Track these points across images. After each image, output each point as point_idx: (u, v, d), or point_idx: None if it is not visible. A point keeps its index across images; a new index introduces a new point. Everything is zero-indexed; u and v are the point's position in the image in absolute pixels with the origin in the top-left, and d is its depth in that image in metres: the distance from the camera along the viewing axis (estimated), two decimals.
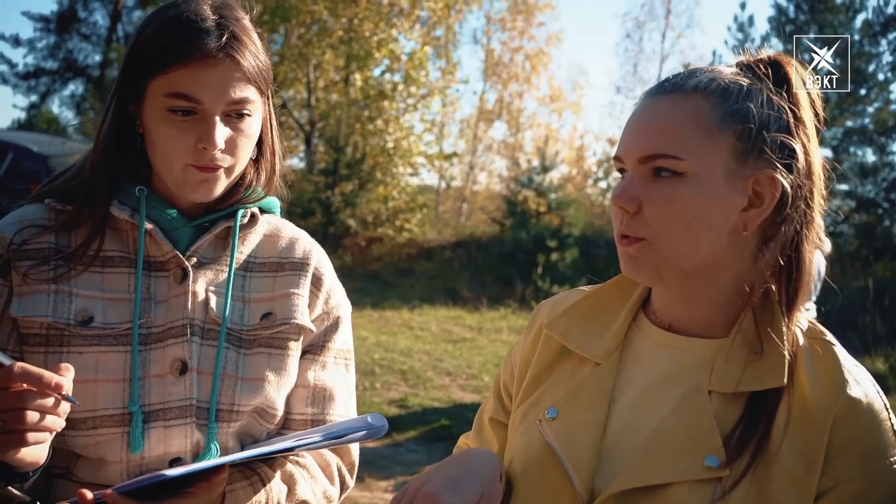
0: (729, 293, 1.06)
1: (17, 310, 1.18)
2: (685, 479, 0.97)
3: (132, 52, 1.22)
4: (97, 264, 1.24)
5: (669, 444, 1.00)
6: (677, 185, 1.01)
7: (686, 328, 1.10)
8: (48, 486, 1.19)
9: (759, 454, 0.95)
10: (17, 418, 0.99)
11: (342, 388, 1.38)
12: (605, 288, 1.23)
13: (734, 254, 1.05)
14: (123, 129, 1.25)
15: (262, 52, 1.26)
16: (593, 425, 1.08)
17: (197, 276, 1.27)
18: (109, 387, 1.19)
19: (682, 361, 1.07)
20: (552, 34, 25.52)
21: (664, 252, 1.03)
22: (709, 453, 0.97)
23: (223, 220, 1.30)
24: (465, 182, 25.28)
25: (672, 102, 1.04)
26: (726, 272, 1.06)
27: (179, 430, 1.21)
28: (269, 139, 1.34)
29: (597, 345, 1.15)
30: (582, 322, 1.19)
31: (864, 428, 0.96)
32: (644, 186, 1.03)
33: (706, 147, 1.01)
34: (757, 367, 1.01)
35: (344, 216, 15.35)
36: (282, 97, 19.15)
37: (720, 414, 1.00)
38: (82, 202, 1.24)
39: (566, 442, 1.08)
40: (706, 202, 1.01)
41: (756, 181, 1.02)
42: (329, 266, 1.41)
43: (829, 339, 1.04)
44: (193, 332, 1.23)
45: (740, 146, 1.01)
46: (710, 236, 1.02)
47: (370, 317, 10.39)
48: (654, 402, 1.07)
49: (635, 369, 1.12)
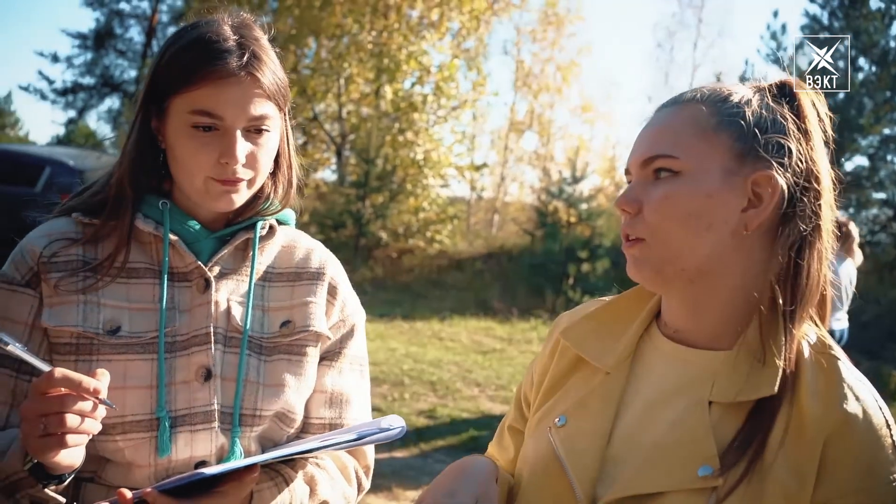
0: (736, 302, 1.06)
1: (49, 319, 1.23)
2: (680, 489, 0.97)
3: (156, 70, 1.26)
4: (123, 276, 1.28)
5: (667, 453, 1.01)
6: (674, 183, 1.03)
7: (694, 339, 1.10)
8: (77, 490, 1.23)
9: (753, 465, 0.95)
10: (58, 422, 1.03)
11: (358, 393, 1.43)
12: (621, 298, 1.25)
13: (738, 258, 1.05)
14: (147, 144, 1.30)
15: (280, 70, 1.31)
16: (598, 434, 1.09)
17: (219, 285, 1.31)
18: (137, 393, 1.23)
19: (690, 373, 1.07)
20: (583, 45, 25.60)
21: (663, 251, 1.05)
22: (703, 463, 0.97)
23: (243, 231, 1.35)
24: (496, 193, 25.31)
25: (673, 111, 1.08)
26: (731, 278, 1.06)
27: (205, 435, 1.25)
28: (286, 153, 1.39)
29: (608, 354, 1.16)
30: (597, 332, 1.20)
31: (861, 444, 0.95)
32: (644, 188, 1.07)
33: (702, 147, 1.03)
34: (757, 377, 1.00)
35: (375, 228, 15.43)
36: (313, 110, 19.34)
37: (720, 425, 1.00)
38: (108, 216, 1.29)
39: (570, 450, 1.09)
40: (703, 199, 1.02)
41: (755, 181, 1.03)
42: (344, 276, 1.46)
43: (836, 353, 1.03)
44: (217, 339, 1.28)
45: (738, 147, 1.03)
46: (709, 236, 1.03)
47: (400, 328, 10.42)
48: (658, 413, 1.07)
49: (644, 380, 1.13)
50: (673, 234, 1.03)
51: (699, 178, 1.02)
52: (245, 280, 1.34)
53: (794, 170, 1.03)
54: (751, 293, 1.05)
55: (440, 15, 18.92)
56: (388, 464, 5.22)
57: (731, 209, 1.02)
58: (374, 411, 5.36)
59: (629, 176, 1.11)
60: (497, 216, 24.06)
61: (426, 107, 18.63)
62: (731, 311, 1.06)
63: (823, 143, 1.07)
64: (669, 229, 1.03)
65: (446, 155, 18.61)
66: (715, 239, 1.03)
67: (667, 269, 1.05)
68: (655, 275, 1.07)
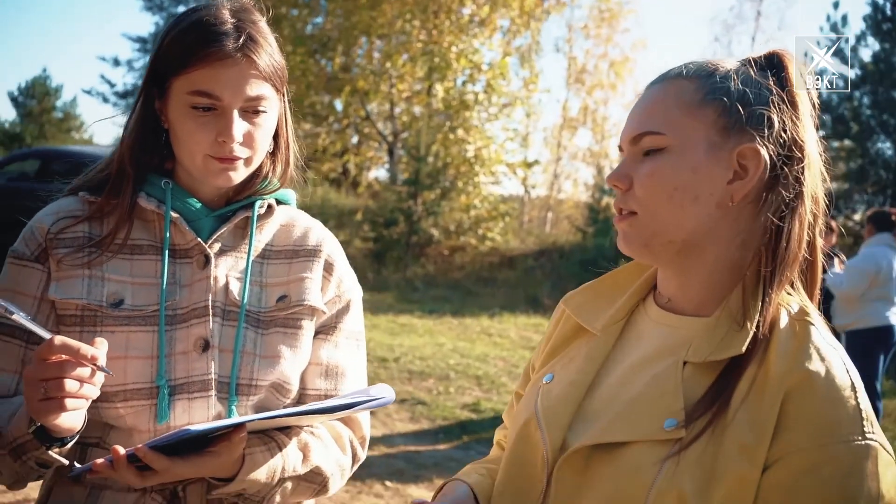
0: (722, 271, 1.09)
1: (55, 292, 1.30)
2: (644, 439, 1.00)
3: (157, 53, 1.31)
4: (127, 251, 1.34)
5: (637, 407, 1.04)
6: (660, 159, 1.07)
7: (682, 307, 1.13)
8: (83, 454, 1.30)
9: (716, 419, 0.97)
10: (57, 386, 1.08)
11: (353, 365, 1.47)
12: (622, 269, 1.29)
13: (724, 228, 1.07)
14: (150, 124, 1.35)
15: (277, 53, 1.35)
16: (575, 387, 1.14)
17: (218, 262, 1.37)
18: (139, 363, 1.28)
19: (675, 338, 1.10)
20: (637, 40, 25.34)
21: (652, 224, 1.08)
22: (669, 416, 1.00)
23: (242, 210, 1.40)
24: (549, 191, 25.21)
25: (661, 87, 1.11)
26: (717, 247, 1.08)
27: (202, 402, 1.30)
28: (285, 134, 1.44)
29: (600, 318, 1.21)
30: (595, 299, 1.25)
31: (820, 401, 0.95)
32: (634, 164, 1.10)
33: (686, 121, 1.06)
34: (731, 339, 1.02)
35: (426, 225, 15.52)
36: (365, 109, 19.52)
37: (691, 382, 1.03)
38: (109, 193, 1.35)
39: (547, 401, 1.14)
40: (688, 173, 1.05)
41: (740, 154, 1.05)
42: (341, 254, 1.50)
43: (811, 319, 1.04)
44: (215, 313, 1.33)
45: (722, 121, 1.05)
46: (695, 208, 1.06)
47: (449, 324, 10.48)
48: (639, 373, 1.11)
49: (633, 344, 1.17)
50: (661, 208, 1.07)
51: (684, 153, 1.05)
52: (244, 257, 1.39)
53: (777, 140, 1.05)
54: (736, 261, 1.07)
55: (489, 12, 18.93)
56: (431, 455, 5.28)
57: (716, 182, 1.05)
58: (419, 404, 5.40)
59: (621, 152, 1.15)
60: (550, 213, 23.98)
61: (477, 104, 18.67)
62: (717, 278, 1.09)
63: (810, 113, 1.09)
64: (657, 203, 1.07)
65: (498, 152, 18.62)
66: (701, 211, 1.06)
67: (655, 241, 1.09)
68: (643, 247, 1.10)
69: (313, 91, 19.24)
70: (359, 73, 18.85)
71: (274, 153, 1.43)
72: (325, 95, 19.90)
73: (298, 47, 18.50)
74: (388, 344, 8.40)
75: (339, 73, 19.04)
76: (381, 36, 18.24)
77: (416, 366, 7.65)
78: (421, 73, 18.57)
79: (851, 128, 16.34)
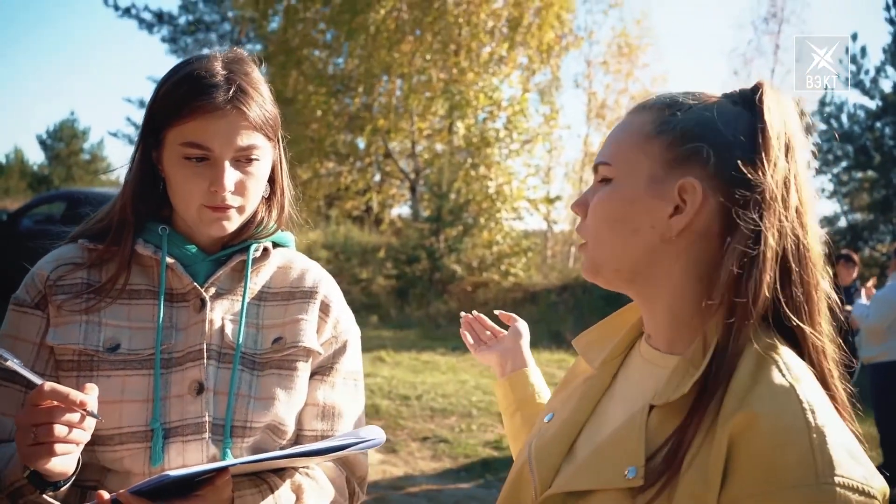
0: (683, 306, 1.06)
1: (53, 338, 1.32)
2: (608, 488, 0.98)
3: (153, 104, 1.35)
4: (125, 297, 1.36)
5: (603, 453, 1.03)
6: (605, 189, 1.08)
7: (658, 342, 1.12)
8: (83, 497, 1.30)
9: (670, 468, 0.94)
10: (47, 431, 1.11)
11: (350, 407, 1.47)
12: (632, 304, 1.26)
13: (674, 262, 1.05)
14: (149, 174, 1.39)
15: (269, 103, 1.37)
16: (568, 426, 1.13)
17: (214, 305, 1.38)
18: (134, 406, 1.30)
19: (654, 377, 1.09)
20: (657, 75, 25.34)
21: (598, 253, 1.09)
22: (631, 464, 0.97)
23: (238, 254, 1.42)
24: (572, 226, 25.15)
25: (628, 118, 1.12)
26: (669, 280, 1.06)
27: (196, 445, 1.31)
28: (280, 180, 1.46)
29: (600, 356, 1.20)
30: (602, 337, 1.24)
31: (765, 445, 0.89)
32: (593, 193, 1.12)
33: (632, 154, 1.07)
34: (686, 379, 0.99)
35: (449, 262, 15.53)
36: (387, 147, 19.68)
37: (657, 427, 1.00)
38: (111, 241, 1.38)
39: (540, 441, 1.14)
40: (626, 205, 1.06)
41: (681, 188, 1.03)
42: (338, 295, 1.52)
43: (776, 355, 0.98)
44: (210, 355, 1.35)
45: (668, 154, 1.04)
46: (637, 239, 1.05)
47: (472, 361, 10.41)
48: (617, 414, 1.10)
49: (623, 382, 1.16)
50: (604, 238, 1.08)
51: (624, 185, 1.06)
52: (240, 299, 1.41)
53: (725, 177, 1.01)
54: (698, 295, 1.04)
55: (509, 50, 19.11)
56: (452, 494, 5.24)
57: (656, 215, 1.04)
58: (441, 442, 5.38)
59: None
60: (573, 248, 23.89)
61: (498, 141, 18.76)
62: (679, 314, 1.06)
63: (785, 149, 1.03)
64: (601, 233, 1.08)
65: (519, 188, 18.66)
66: (644, 242, 1.05)
67: (603, 269, 1.10)
68: (595, 275, 1.12)
69: (335, 130, 19.46)
70: (380, 112, 19.05)
71: (270, 198, 1.46)
72: (347, 134, 20.11)
73: (320, 87, 18.76)
74: (410, 381, 8.39)
75: (361, 111, 19.28)
76: (401, 75, 18.45)
77: (439, 403, 7.62)
78: (442, 111, 18.73)
79: (874, 158, 16.23)
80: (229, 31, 25.08)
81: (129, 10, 24.66)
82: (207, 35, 25.83)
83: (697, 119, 1.05)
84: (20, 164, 36.68)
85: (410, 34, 18.21)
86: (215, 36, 25.56)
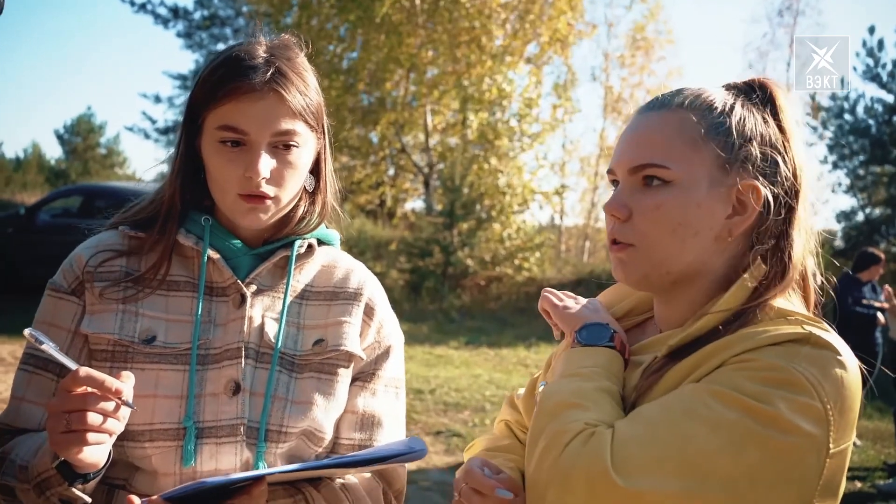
0: (707, 294, 1.11)
1: (88, 326, 1.28)
2: None
3: (194, 89, 1.30)
4: (164, 288, 1.32)
5: None
6: (665, 193, 1.08)
7: (666, 324, 1.18)
8: (110, 497, 1.27)
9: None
10: (80, 419, 1.06)
11: (390, 415, 1.41)
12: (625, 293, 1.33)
13: (719, 260, 1.10)
14: (192, 161, 1.33)
15: (313, 90, 1.32)
16: None
17: (254, 301, 1.34)
18: (167, 402, 1.26)
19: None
20: (673, 69, 25.21)
21: (652, 257, 1.10)
22: None
23: (281, 249, 1.37)
24: (586, 220, 25.10)
25: (660, 117, 1.11)
26: (709, 277, 1.11)
27: (230, 448, 1.26)
28: (324, 173, 1.40)
29: None
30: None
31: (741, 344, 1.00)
32: (634, 195, 1.10)
33: (691, 156, 1.07)
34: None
35: (462, 256, 15.52)
36: (401, 141, 19.67)
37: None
38: (158, 230, 1.33)
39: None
40: (691, 209, 1.07)
41: (739, 190, 1.07)
42: (383, 298, 1.46)
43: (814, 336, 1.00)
44: (248, 354, 1.30)
45: (723, 157, 1.07)
46: (695, 242, 1.07)
47: (486, 355, 10.44)
48: None
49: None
50: (661, 242, 1.08)
51: (689, 189, 1.06)
52: (281, 297, 1.36)
53: (778, 175, 1.08)
54: (721, 285, 1.10)
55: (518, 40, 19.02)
56: None
57: (716, 217, 1.07)
58: (454, 436, 5.37)
59: (612, 175, 1.15)
60: (588, 242, 23.85)
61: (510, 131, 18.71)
62: (701, 300, 1.12)
63: (800, 139, 1.11)
64: (658, 237, 1.08)
65: (529, 181, 18.61)
66: (700, 245, 1.08)
67: (653, 273, 1.10)
68: (642, 278, 1.12)
69: (349, 124, 19.47)
70: (393, 106, 19.03)
71: (314, 192, 1.40)
72: (360, 128, 20.12)
73: (334, 81, 18.78)
74: (424, 376, 8.39)
75: (375, 105, 19.27)
76: (411, 67, 18.41)
77: (452, 397, 7.62)
78: (455, 104, 18.69)
79: (891, 152, 16.08)
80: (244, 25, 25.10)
81: (145, 5, 24.69)
82: (223, 30, 25.88)
83: (742, 120, 1.09)
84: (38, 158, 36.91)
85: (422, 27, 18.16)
86: (230, 31, 25.59)
